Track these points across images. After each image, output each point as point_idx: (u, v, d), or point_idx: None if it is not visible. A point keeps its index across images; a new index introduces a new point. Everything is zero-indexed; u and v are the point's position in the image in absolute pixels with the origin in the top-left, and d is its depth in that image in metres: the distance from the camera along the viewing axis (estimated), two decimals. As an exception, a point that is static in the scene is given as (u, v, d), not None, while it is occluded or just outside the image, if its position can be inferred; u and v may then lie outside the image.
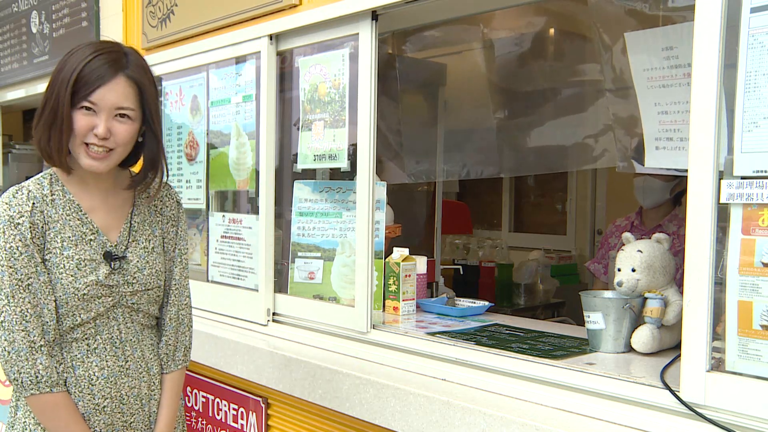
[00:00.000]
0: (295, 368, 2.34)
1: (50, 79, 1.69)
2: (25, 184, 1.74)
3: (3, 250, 1.65)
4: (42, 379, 1.65)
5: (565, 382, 1.80)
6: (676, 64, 1.97)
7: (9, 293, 1.64)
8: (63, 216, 1.72)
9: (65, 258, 1.70)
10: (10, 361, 1.64)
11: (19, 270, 1.65)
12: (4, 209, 1.67)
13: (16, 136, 5.92)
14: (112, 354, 1.77)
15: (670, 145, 2.01)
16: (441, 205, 3.60)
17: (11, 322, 1.63)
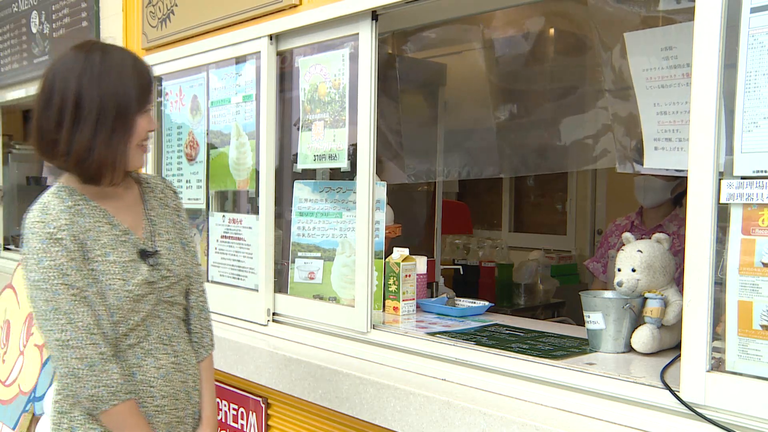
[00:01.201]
0: (295, 368, 2.34)
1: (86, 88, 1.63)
2: (45, 200, 1.69)
3: (52, 268, 1.61)
4: (120, 389, 1.64)
5: (565, 382, 1.80)
6: (675, 64, 1.97)
7: (69, 310, 1.60)
8: (94, 224, 1.70)
9: (111, 263, 1.69)
10: (84, 378, 1.60)
11: (73, 285, 1.62)
12: (41, 227, 1.63)
13: (16, 136, 5.92)
14: (164, 352, 1.77)
15: (669, 145, 2.01)
16: (441, 205, 3.60)
17: (78, 339, 1.60)
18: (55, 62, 1.70)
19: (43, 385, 3.34)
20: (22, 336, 3.70)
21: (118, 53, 1.72)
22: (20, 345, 3.70)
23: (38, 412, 3.30)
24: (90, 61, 1.66)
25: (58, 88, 1.64)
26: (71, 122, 1.63)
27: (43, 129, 1.66)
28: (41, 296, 1.61)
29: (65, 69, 1.66)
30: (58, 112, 1.63)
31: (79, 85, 1.63)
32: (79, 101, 1.62)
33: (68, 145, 1.63)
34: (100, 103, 1.63)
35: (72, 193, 1.71)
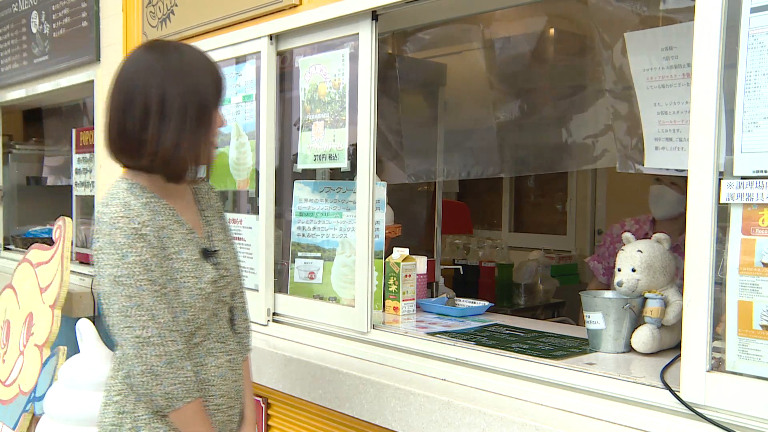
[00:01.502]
0: (295, 368, 2.34)
1: (169, 86, 1.64)
2: (121, 196, 1.66)
3: (137, 264, 1.60)
4: (193, 387, 1.64)
5: (565, 382, 1.80)
6: (675, 64, 1.97)
7: (151, 306, 1.60)
8: (166, 221, 1.69)
9: (184, 261, 1.69)
10: (162, 375, 1.59)
11: (156, 281, 1.62)
12: (126, 222, 1.61)
13: (16, 136, 5.92)
14: (222, 351, 1.78)
15: (669, 145, 2.01)
16: (441, 205, 3.60)
17: (159, 336, 1.60)
18: (129, 63, 1.69)
19: (43, 385, 3.34)
20: (22, 336, 3.71)
21: (191, 50, 1.73)
22: (20, 345, 3.70)
23: (38, 412, 3.30)
24: (169, 59, 1.66)
25: (140, 88, 1.63)
26: (157, 121, 1.63)
27: (127, 130, 1.65)
28: (123, 292, 1.59)
29: (145, 69, 1.65)
30: (142, 113, 1.63)
31: (162, 84, 1.63)
32: (163, 100, 1.63)
33: (156, 144, 1.63)
34: (182, 101, 1.64)
35: (143, 190, 1.70)
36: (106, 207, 1.64)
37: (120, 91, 1.67)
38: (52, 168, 5.71)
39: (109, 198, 1.67)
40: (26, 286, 3.87)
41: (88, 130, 4.30)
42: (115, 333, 1.62)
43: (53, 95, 4.76)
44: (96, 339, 3.14)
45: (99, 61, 3.98)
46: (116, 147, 1.69)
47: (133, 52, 1.73)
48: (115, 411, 1.70)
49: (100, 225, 1.63)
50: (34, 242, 4.33)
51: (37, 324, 3.62)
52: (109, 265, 1.60)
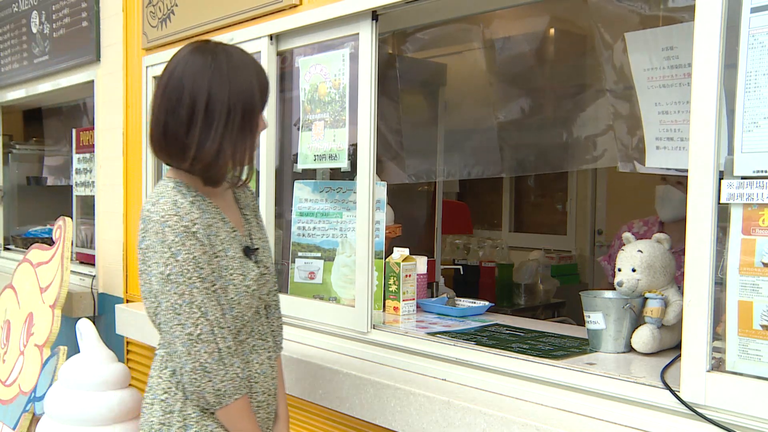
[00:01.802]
0: (295, 368, 2.34)
1: (217, 90, 1.63)
2: (169, 194, 1.66)
3: (188, 261, 1.60)
4: (242, 384, 1.65)
5: (566, 382, 1.80)
6: (676, 64, 1.97)
7: (202, 303, 1.60)
8: (212, 219, 1.69)
9: (231, 258, 1.70)
10: (213, 372, 1.60)
11: (206, 279, 1.62)
12: (176, 220, 1.61)
13: (16, 136, 5.92)
14: (263, 348, 1.80)
15: (670, 144, 2.01)
16: (441, 205, 3.60)
17: (210, 333, 1.60)
18: (177, 63, 1.68)
19: (44, 385, 3.35)
20: (22, 336, 3.71)
21: (239, 53, 1.72)
22: (20, 345, 3.70)
23: (38, 412, 3.30)
24: (218, 62, 1.65)
25: (188, 90, 1.62)
26: (202, 125, 1.62)
27: (170, 131, 1.65)
28: (174, 290, 1.59)
29: (194, 71, 1.64)
30: (188, 115, 1.62)
31: (210, 87, 1.63)
32: (210, 104, 1.62)
33: (199, 149, 1.63)
34: (229, 105, 1.64)
35: (189, 189, 1.70)
36: (154, 206, 1.64)
37: (167, 91, 1.65)
38: (52, 168, 5.71)
39: (156, 196, 1.66)
40: (26, 286, 3.87)
41: (88, 130, 4.31)
42: (165, 331, 1.62)
43: (53, 95, 4.76)
44: (96, 339, 3.14)
45: (99, 61, 3.98)
46: (159, 147, 1.69)
47: (181, 52, 1.71)
48: (162, 409, 1.69)
49: (149, 223, 1.62)
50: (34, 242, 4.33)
51: (37, 324, 3.62)
52: (159, 263, 1.60)
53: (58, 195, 5.39)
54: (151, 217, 1.62)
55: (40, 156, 5.77)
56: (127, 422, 2.98)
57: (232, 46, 1.74)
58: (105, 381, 2.99)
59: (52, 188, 5.59)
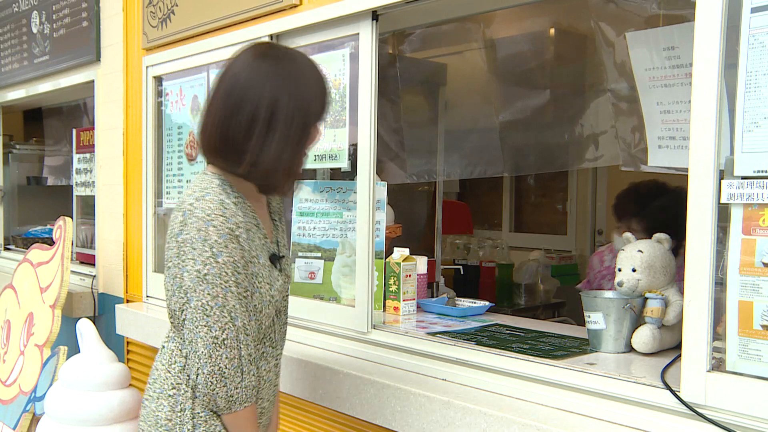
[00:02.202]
0: (295, 368, 2.34)
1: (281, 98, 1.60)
2: (214, 193, 1.63)
3: (228, 264, 1.58)
4: (253, 392, 1.65)
5: (566, 382, 1.80)
6: (677, 64, 1.97)
7: (233, 308, 1.58)
8: (249, 223, 1.67)
9: (262, 266, 1.68)
10: (230, 377, 1.59)
11: (241, 284, 1.60)
12: (222, 221, 1.58)
13: (16, 136, 5.93)
14: (273, 356, 1.79)
15: (672, 144, 2.01)
16: (441, 205, 3.60)
17: (234, 339, 1.59)
18: (241, 67, 1.64)
19: (44, 385, 3.35)
20: (22, 336, 3.71)
21: (303, 59, 1.69)
22: (20, 345, 3.70)
23: (39, 412, 3.30)
24: (282, 68, 1.63)
25: (251, 95, 1.60)
26: (264, 132, 1.60)
27: (230, 137, 1.62)
28: (209, 290, 1.57)
29: (259, 76, 1.61)
30: (249, 121, 1.59)
31: (274, 93, 1.60)
32: (274, 111, 1.60)
33: (257, 155, 1.60)
34: (291, 114, 1.61)
35: (233, 189, 1.67)
36: (199, 201, 1.61)
37: (229, 95, 1.62)
38: (52, 168, 5.72)
39: (201, 192, 1.63)
40: (26, 286, 3.87)
41: (88, 130, 4.31)
42: (188, 329, 1.60)
43: (53, 95, 4.76)
44: (96, 339, 3.14)
45: (99, 61, 3.98)
46: (215, 151, 1.66)
47: (244, 54, 1.67)
48: (170, 405, 1.68)
49: (191, 218, 1.59)
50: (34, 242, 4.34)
51: (37, 324, 3.62)
52: (197, 260, 1.57)
53: (58, 195, 5.39)
54: (195, 213, 1.59)
55: (41, 156, 5.77)
56: (127, 422, 2.98)
57: (297, 51, 1.71)
58: (105, 381, 2.99)
59: (53, 188, 5.59)
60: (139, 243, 3.58)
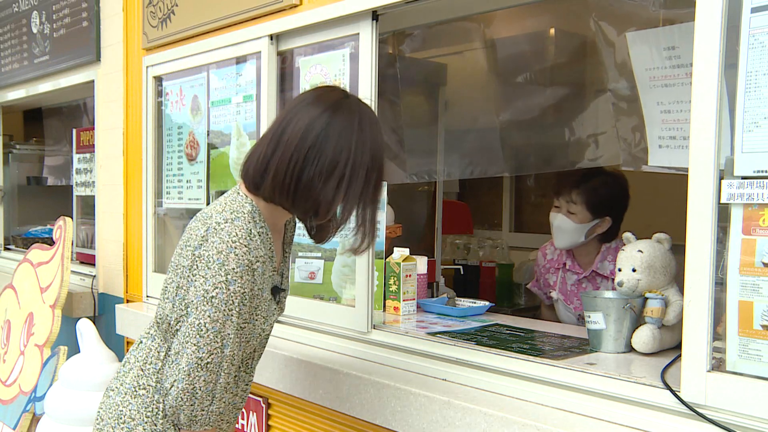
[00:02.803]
0: (295, 368, 2.34)
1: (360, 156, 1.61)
2: (242, 217, 1.62)
3: (237, 294, 1.57)
4: (217, 418, 1.65)
5: (566, 382, 1.80)
6: (678, 64, 1.97)
7: (227, 336, 1.58)
8: (266, 256, 1.66)
9: (264, 300, 1.68)
10: (198, 398, 1.59)
11: (242, 315, 1.60)
12: (245, 252, 1.58)
13: (16, 136, 5.93)
14: (244, 381, 1.80)
15: (673, 143, 2.01)
16: (441, 205, 3.60)
17: (218, 365, 1.59)
18: (321, 111, 1.63)
19: (44, 385, 3.35)
20: (22, 336, 3.71)
21: (371, 112, 1.71)
22: (21, 345, 3.70)
23: (39, 412, 3.30)
24: (363, 123, 1.64)
25: (332, 146, 1.59)
26: (341, 187, 1.61)
27: (305, 182, 1.61)
28: (211, 313, 1.56)
29: (341, 128, 1.61)
30: (329, 172, 1.60)
31: (355, 148, 1.61)
32: (354, 165, 1.60)
33: (329, 206, 1.63)
34: (368, 168, 1.63)
35: (261, 218, 1.67)
36: (227, 223, 1.60)
37: (308, 138, 1.60)
38: (52, 168, 5.72)
39: (231, 213, 1.62)
40: (26, 286, 3.87)
41: (88, 130, 4.31)
42: (180, 341, 1.60)
43: (53, 95, 4.76)
44: (96, 339, 3.14)
45: (99, 61, 3.98)
46: (284, 189, 1.63)
47: (322, 97, 1.68)
48: (137, 405, 1.68)
49: (215, 236, 1.58)
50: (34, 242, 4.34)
51: (37, 324, 3.62)
52: (209, 281, 1.57)
53: (58, 195, 5.39)
54: (220, 233, 1.58)
55: (41, 156, 5.77)
56: (128, 422, 2.98)
57: (363, 103, 1.72)
58: (105, 381, 2.99)
59: (53, 188, 5.59)
60: (139, 243, 3.58)
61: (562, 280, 2.78)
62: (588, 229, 2.63)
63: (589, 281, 2.69)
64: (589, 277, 2.69)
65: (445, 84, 3.54)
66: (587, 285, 2.69)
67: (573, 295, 2.73)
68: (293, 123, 1.63)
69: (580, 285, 2.72)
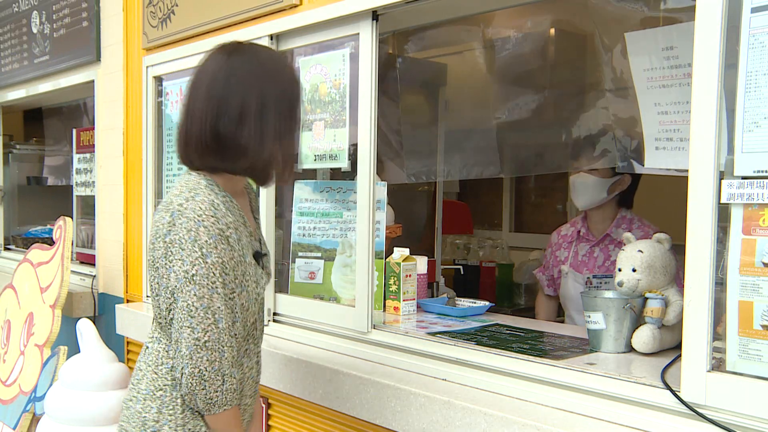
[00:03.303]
0: (295, 368, 2.34)
1: (267, 89, 1.63)
2: (200, 192, 1.62)
3: (216, 265, 1.57)
4: (235, 395, 1.64)
5: (566, 382, 1.80)
6: (676, 64, 1.97)
7: (217, 309, 1.58)
8: (237, 222, 1.67)
9: (249, 264, 1.68)
10: (209, 380, 1.58)
11: (228, 285, 1.60)
12: (213, 222, 1.58)
13: (16, 136, 5.93)
14: (255, 353, 1.81)
15: (670, 145, 2.01)
16: (441, 205, 3.60)
17: (216, 341, 1.58)
18: (214, 67, 1.66)
19: (44, 385, 3.35)
20: (22, 336, 3.71)
21: (273, 52, 1.74)
22: (21, 345, 3.70)
23: (39, 412, 3.30)
24: (262, 61, 1.65)
25: (236, 91, 1.61)
26: (258, 124, 1.61)
27: (222, 134, 1.62)
28: (195, 291, 1.57)
29: (239, 71, 1.63)
30: (240, 116, 1.61)
31: (260, 87, 1.62)
32: (263, 104, 1.62)
33: (258, 149, 1.61)
34: (279, 104, 1.63)
35: (220, 188, 1.68)
36: (189, 201, 1.60)
37: (212, 95, 1.63)
38: (52, 168, 5.72)
39: (190, 192, 1.63)
40: (26, 286, 3.87)
41: (88, 130, 4.31)
42: (175, 329, 1.60)
43: (53, 95, 4.76)
44: (96, 339, 3.14)
45: (99, 61, 3.98)
46: (209, 151, 1.64)
47: (216, 55, 1.69)
48: (157, 407, 1.68)
49: (180, 218, 1.59)
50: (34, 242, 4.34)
51: (37, 324, 3.62)
52: (186, 261, 1.57)
53: (58, 195, 5.39)
54: (185, 213, 1.59)
55: (41, 156, 5.77)
56: (128, 422, 2.98)
57: (264, 46, 1.76)
58: (105, 381, 2.99)
59: (53, 188, 5.59)
60: (139, 243, 3.58)
61: (573, 254, 2.79)
62: (609, 185, 2.64)
63: (601, 250, 2.70)
64: (601, 245, 2.69)
65: (445, 84, 3.54)
66: (599, 254, 2.70)
67: (583, 265, 2.75)
68: (196, 87, 1.67)
69: (592, 254, 2.73)
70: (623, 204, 2.72)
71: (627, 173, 2.61)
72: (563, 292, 2.83)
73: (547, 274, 2.95)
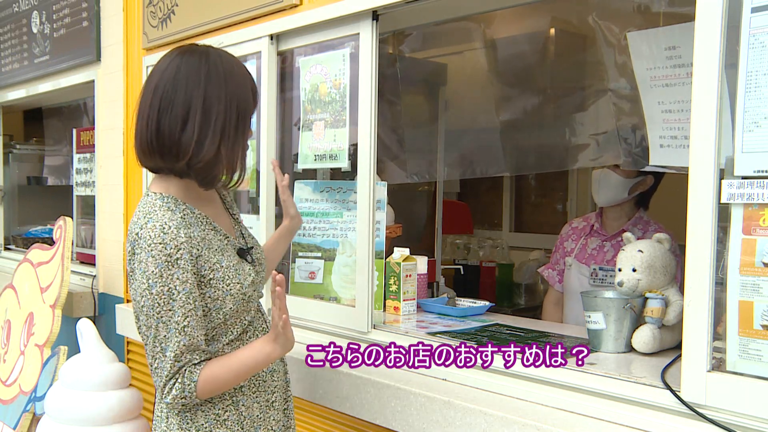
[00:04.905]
0: (295, 368, 2.34)
1: (214, 91, 1.63)
2: (157, 216, 1.63)
3: (161, 294, 1.58)
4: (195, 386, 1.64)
5: (566, 382, 1.80)
6: (678, 64, 1.97)
7: (164, 338, 1.60)
8: (203, 232, 1.68)
9: (226, 269, 1.69)
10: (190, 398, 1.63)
11: (177, 311, 1.60)
12: (161, 249, 1.58)
13: (16, 136, 5.93)
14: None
15: (674, 143, 2.01)
16: (441, 205, 3.60)
17: (162, 369, 1.61)
18: (166, 66, 1.66)
19: (44, 385, 3.35)
20: (22, 336, 3.71)
21: (228, 56, 1.73)
22: (21, 345, 3.70)
23: (39, 412, 3.30)
24: (212, 63, 1.66)
25: (183, 89, 1.62)
26: (201, 123, 1.61)
27: (163, 131, 1.62)
28: (145, 322, 1.63)
29: (188, 71, 1.63)
30: (184, 113, 1.61)
31: (206, 86, 1.62)
32: (207, 103, 1.62)
33: (197, 147, 1.62)
34: (226, 106, 1.64)
35: (177, 203, 1.68)
36: (142, 229, 1.62)
37: (158, 93, 1.63)
38: (52, 168, 5.72)
39: (144, 218, 1.64)
40: (27, 286, 3.87)
41: (88, 130, 4.31)
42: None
43: (53, 95, 4.76)
44: (96, 339, 3.14)
45: (99, 61, 3.98)
46: (150, 149, 1.65)
47: (170, 54, 1.70)
48: (178, 423, 1.71)
49: (136, 248, 1.62)
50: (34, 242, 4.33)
51: (37, 324, 3.62)
52: (137, 291, 1.63)
53: (58, 195, 5.40)
54: (139, 242, 1.62)
55: (41, 156, 5.77)
56: (127, 422, 2.98)
57: (221, 50, 1.74)
58: (105, 381, 2.99)
59: (53, 188, 5.59)
60: (139, 243, 3.57)
61: (581, 247, 2.79)
62: (631, 185, 2.64)
63: (612, 246, 2.70)
64: (613, 241, 2.69)
65: (445, 84, 3.54)
66: (609, 248, 2.71)
67: (591, 258, 2.75)
68: (147, 86, 1.68)
69: (602, 248, 2.73)
70: (641, 204, 2.73)
71: (650, 174, 2.61)
72: (565, 283, 2.83)
73: (557, 269, 2.94)
